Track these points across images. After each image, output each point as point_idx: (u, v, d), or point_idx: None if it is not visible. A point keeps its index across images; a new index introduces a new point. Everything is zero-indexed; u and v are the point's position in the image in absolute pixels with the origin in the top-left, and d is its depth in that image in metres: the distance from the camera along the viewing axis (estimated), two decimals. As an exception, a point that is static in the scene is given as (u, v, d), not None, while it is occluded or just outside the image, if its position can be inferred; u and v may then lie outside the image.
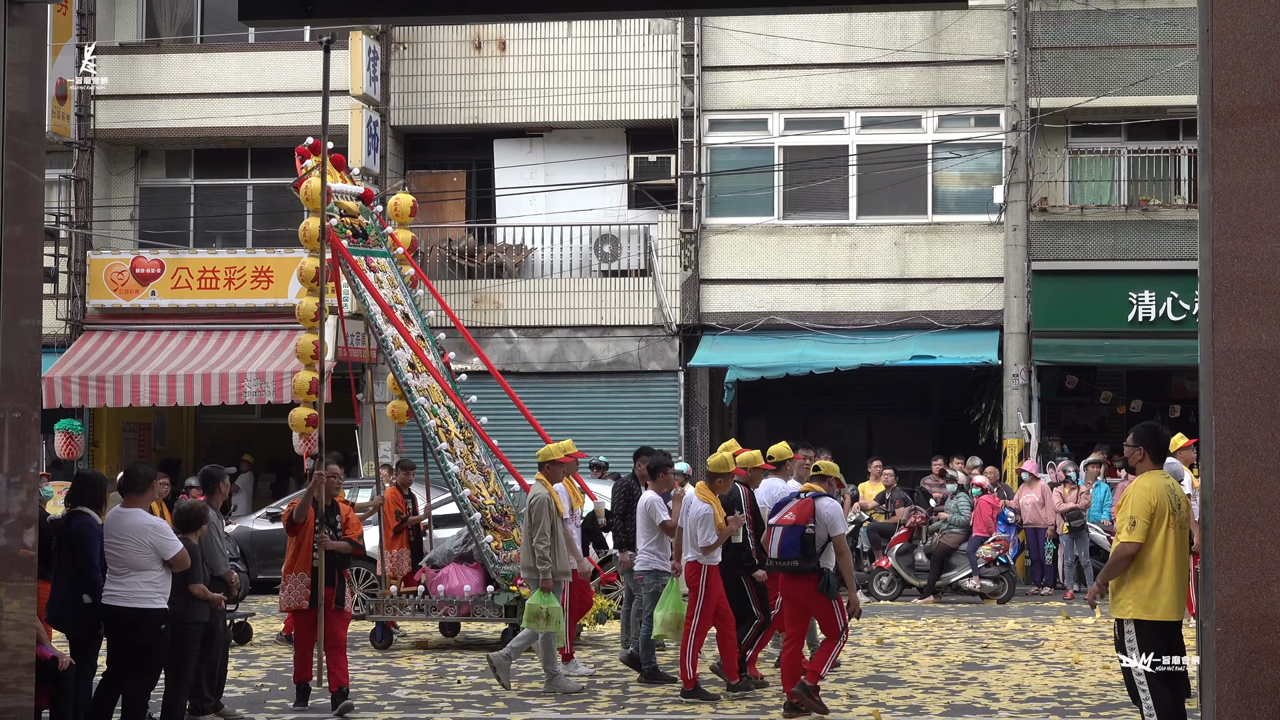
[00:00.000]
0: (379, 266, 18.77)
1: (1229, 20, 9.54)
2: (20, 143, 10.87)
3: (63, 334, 28.58)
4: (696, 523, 14.42)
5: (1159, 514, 10.18)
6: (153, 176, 30.66)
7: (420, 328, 18.87)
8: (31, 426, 11.02)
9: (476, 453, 18.29)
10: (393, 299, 18.59)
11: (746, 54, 28.33)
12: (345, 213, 18.58)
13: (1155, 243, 27.14)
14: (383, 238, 19.24)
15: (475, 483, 17.79)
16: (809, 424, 30.54)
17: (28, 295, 11.06)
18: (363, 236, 18.86)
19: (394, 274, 19.04)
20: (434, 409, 18.06)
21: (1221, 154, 9.53)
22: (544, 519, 15.07)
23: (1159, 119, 27.51)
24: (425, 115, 29.09)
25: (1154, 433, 10.64)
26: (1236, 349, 9.45)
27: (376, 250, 18.99)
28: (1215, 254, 9.53)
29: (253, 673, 16.36)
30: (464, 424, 18.33)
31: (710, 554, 14.46)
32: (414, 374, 18.15)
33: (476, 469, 18.09)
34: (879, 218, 28.27)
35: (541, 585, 14.90)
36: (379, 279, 18.48)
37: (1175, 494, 10.30)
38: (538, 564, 14.96)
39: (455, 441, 18.05)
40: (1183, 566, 10.21)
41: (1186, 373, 27.20)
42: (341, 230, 18.18)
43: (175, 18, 30.53)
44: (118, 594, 11.73)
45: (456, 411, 18.33)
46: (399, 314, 18.47)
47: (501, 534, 17.69)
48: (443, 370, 18.66)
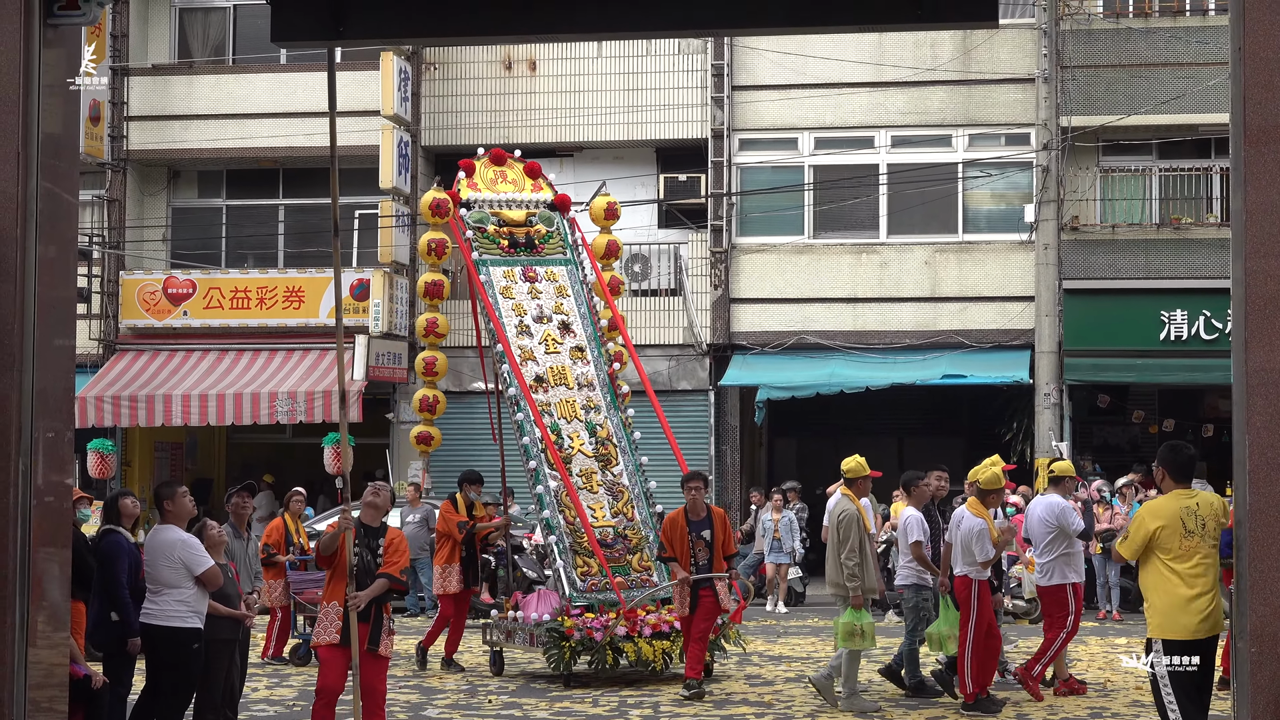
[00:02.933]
0: (547, 276, 18.29)
1: (1261, 39, 9.52)
2: (54, 164, 10.92)
3: (95, 354, 28.69)
4: (970, 538, 14.50)
5: (1164, 534, 10.11)
6: (185, 197, 30.79)
7: (584, 337, 18.13)
8: (65, 446, 11.07)
9: (613, 472, 17.45)
10: (554, 308, 18.11)
11: (777, 73, 28.35)
12: (503, 222, 18.37)
13: (1187, 261, 27.06)
14: (569, 245, 18.70)
15: (588, 503, 17.04)
16: (839, 443, 30.42)
17: (61, 316, 11.11)
18: (528, 246, 18.44)
19: (568, 282, 18.43)
20: (554, 426, 17.32)
21: (1254, 172, 9.50)
22: (853, 535, 14.95)
23: (1190, 137, 27.43)
24: (456, 135, 29.12)
25: (1174, 451, 10.53)
26: (1270, 368, 9.41)
27: (548, 259, 18.46)
28: (1248, 273, 9.49)
29: (284, 692, 16.38)
30: (603, 440, 17.56)
31: (984, 569, 14.59)
32: (543, 389, 17.53)
33: (600, 488, 17.28)
34: (909, 237, 28.24)
35: (852, 602, 14.74)
36: (537, 289, 18.13)
37: (1199, 514, 10.17)
38: (846, 580, 14.81)
39: (575, 459, 17.23)
40: (1205, 585, 10.10)
41: (1219, 392, 27.11)
42: (494, 240, 18.11)
43: (207, 39, 30.67)
44: (152, 613, 11.80)
45: (596, 428, 17.62)
46: (557, 324, 18.01)
47: (612, 559, 16.90)
48: (604, 382, 17.97)
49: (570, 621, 16.19)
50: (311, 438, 27.14)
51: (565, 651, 16.15)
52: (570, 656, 16.18)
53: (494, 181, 18.65)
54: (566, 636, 16.13)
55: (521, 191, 18.73)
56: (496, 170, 18.56)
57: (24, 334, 10.53)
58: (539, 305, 18.04)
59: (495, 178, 18.54)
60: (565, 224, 18.80)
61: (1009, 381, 27.34)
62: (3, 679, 10.35)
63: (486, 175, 18.60)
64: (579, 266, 18.57)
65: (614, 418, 17.78)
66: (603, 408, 17.79)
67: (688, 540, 15.55)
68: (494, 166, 18.65)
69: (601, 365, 18.06)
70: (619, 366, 18.33)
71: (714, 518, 15.83)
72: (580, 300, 18.34)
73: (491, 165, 18.68)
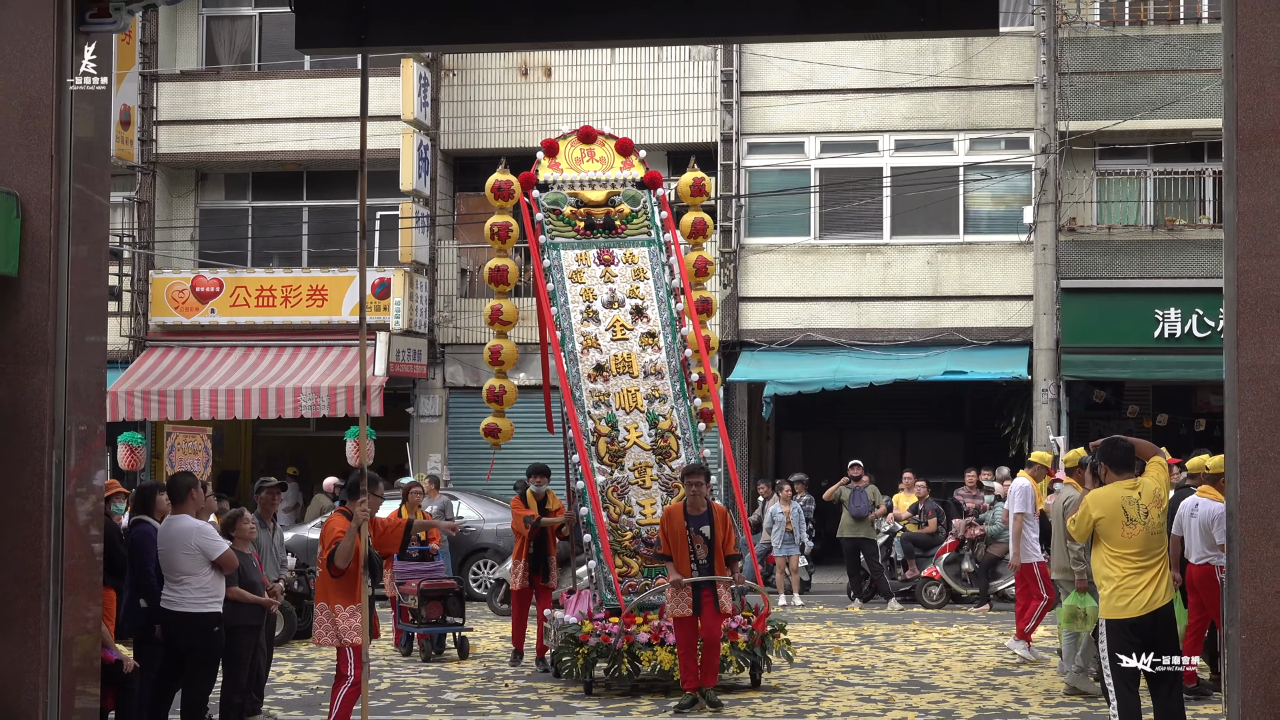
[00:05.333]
0: (625, 259, 16.72)
1: (1253, 46, 9.52)
2: (86, 167, 10.96)
3: (126, 350, 28.72)
4: (1210, 524, 13.57)
5: (1104, 524, 10.40)
6: (212, 199, 30.82)
7: (659, 322, 16.48)
8: (97, 439, 11.11)
9: (672, 466, 15.77)
10: (628, 292, 16.55)
11: (784, 80, 28.33)
12: (581, 202, 16.87)
13: (1181, 262, 27.01)
14: (655, 225, 16.98)
15: (639, 499, 15.62)
16: (844, 437, 30.51)
17: (93, 313, 11.15)
18: (606, 228, 16.90)
19: (649, 264, 16.78)
20: (609, 417, 15.97)
21: (1246, 175, 9.51)
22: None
23: (1184, 141, 27.39)
24: (473, 139, 29.14)
25: (1111, 446, 10.87)
26: (1261, 364, 9.42)
27: (629, 240, 16.84)
28: (1240, 273, 9.50)
29: (309, 676, 16.41)
30: (664, 433, 15.97)
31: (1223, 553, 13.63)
32: (602, 378, 16.12)
33: (655, 483, 15.76)
34: (912, 237, 28.22)
35: (1077, 586, 14.43)
36: (611, 272, 16.60)
37: (1140, 503, 10.42)
38: (1073, 564, 14.48)
39: (630, 452, 15.80)
40: (1147, 567, 10.37)
41: (1211, 387, 27.08)
42: (570, 222, 16.75)
43: (234, 46, 30.70)
44: (172, 599, 11.82)
45: (659, 419, 16.03)
46: (630, 308, 16.45)
47: (643, 559, 15.53)
48: (675, 370, 16.29)
49: (589, 625, 14.86)
50: (334, 431, 27.13)
51: (579, 657, 14.80)
52: (585, 663, 14.82)
53: (579, 160, 17.18)
54: (581, 642, 14.82)
55: (609, 170, 17.12)
56: (584, 149, 17.13)
57: (57, 330, 10.57)
58: (611, 290, 16.52)
59: (582, 156, 17.11)
60: (654, 202, 17.09)
61: (1008, 377, 27.32)
62: (38, 662, 10.39)
63: (572, 154, 17.16)
64: (663, 248, 16.90)
65: (680, 408, 16.16)
66: (669, 397, 16.17)
67: (686, 537, 14.16)
68: (581, 145, 17.16)
69: (675, 352, 16.39)
70: (691, 354, 16.58)
71: (715, 514, 14.32)
72: (660, 284, 16.71)
73: (579, 143, 17.17)
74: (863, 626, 20.77)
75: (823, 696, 14.76)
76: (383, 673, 16.62)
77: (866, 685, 15.45)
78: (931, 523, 24.23)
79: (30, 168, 10.58)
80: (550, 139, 17.24)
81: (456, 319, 29.32)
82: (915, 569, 23.79)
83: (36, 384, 10.48)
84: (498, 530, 24.41)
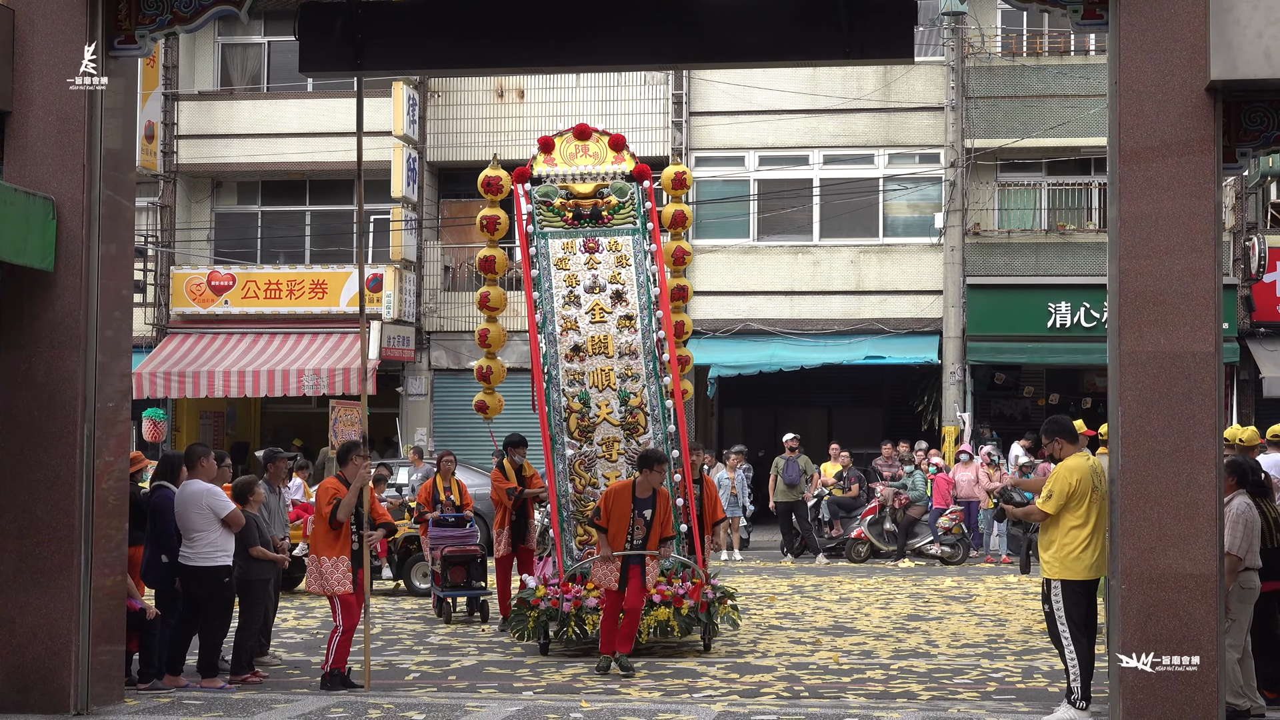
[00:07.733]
0: (609, 246, 15.47)
1: (1133, 74, 9.59)
2: (115, 175, 10.90)
3: (150, 336, 28.55)
4: None
5: (1080, 492, 10.13)
6: (226, 204, 30.63)
7: (637, 306, 15.29)
8: (124, 414, 11.06)
9: (640, 440, 14.72)
10: (610, 278, 15.35)
11: (727, 101, 28.31)
12: (571, 194, 15.69)
13: (1070, 261, 27.14)
14: (640, 215, 15.64)
15: (604, 472, 14.68)
16: (779, 414, 30.55)
17: (121, 304, 11.10)
18: (593, 218, 15.61)
19: (631, 251, 15.54)
20: (582, 395, 14.94)
21: (1127, 187, 9.58)
22: None
23: (1074, 157, 27.51)
24: (456, 153, 29.02)
25: (1058, 421, 10.64)
26: (1139, 351, 9.49)
27: (614, 229, 15.57)
28: (1122, 271, 9.57)
29: (310, 622, 16.34)
30: (634, 409, 14.88)
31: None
32: (579, 358, 15.01)
33: (620, 456, 14.73)
34: (838, 240, 28.26)
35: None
36: (595, 259, 15.36)
37: (1099, 473, 10.21)
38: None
39: (599, 427, 14.81)
40: (1102, 534, 10.14)
41: (1097, 371, 27.23)
42: (559, 213, 15.57)
43: (245, 69, 30.51)
44: (189, 555, 11.79)
45: (630, 396, 14.94)
46: (610, 293, 15.27)
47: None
48: (648, 350, 15.15)
49: (543, 590, 14.02)
50: (332, 408, 27.03)
51: (529, 620, 13.94)
52: (535, 626, 13.92)
53: (574, 156, 16.15)
54: (533, 606, 13.94)
55: (601, 164, 15.97)
56: (579, 145, 16.09)
57: (88, 319, 10.52)
58: (594, 275, 15.41)
59: (576, 152, 16.07)
60: (640, 193, 15.82)
61: (921, 362, 27.41)
62: (71, 610, 10.35)
63: (567, 150, 16.12)
64: (647, 236, 15.68)
65: (651, 386, 15.05)
66: (641, 376, 15.07)
67: (629, 516, 13.14)
68: (577, 141, 16.12)
69: (650, 333, 15.25)
70: (663, 335, 15.32)
71: (658, 497, 13.30)
72: (641, 270, 15.53)
73: (575, 140, 16.13)
74: (794, 578, 20.82)
75: (759, 639, 14.78)
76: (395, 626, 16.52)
77: (797, 630, 15.48)
78: (854, 488, 24.34)
79: (65, 176, 10.53)
80: (547, 136, 16.27)
81: (440, 310, 29.25)
82: (840, 528, 23.91)
83: (70, 366, 10.43)
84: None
